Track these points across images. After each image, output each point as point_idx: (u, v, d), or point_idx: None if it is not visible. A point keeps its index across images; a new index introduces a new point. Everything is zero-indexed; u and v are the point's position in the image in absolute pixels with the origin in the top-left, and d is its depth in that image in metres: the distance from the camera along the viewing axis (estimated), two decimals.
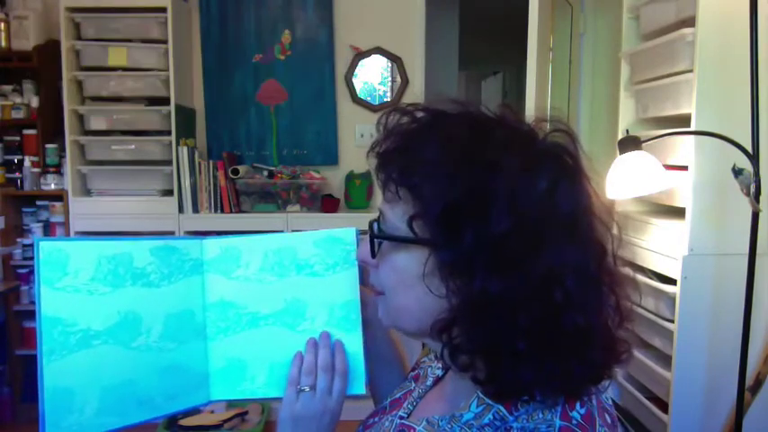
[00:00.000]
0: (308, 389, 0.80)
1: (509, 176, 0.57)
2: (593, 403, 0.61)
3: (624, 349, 0.64)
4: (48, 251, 0.76)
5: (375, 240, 0.66)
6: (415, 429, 0.66)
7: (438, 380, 0.76)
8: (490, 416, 0.60)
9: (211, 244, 0.86)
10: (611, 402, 0.64)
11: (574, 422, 0.58)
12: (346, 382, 0.82)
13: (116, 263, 0.78)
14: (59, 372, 0.75)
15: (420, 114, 0.64)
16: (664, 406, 1.98)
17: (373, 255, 0.67)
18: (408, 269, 0.63)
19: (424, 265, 0.61)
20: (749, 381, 1.78)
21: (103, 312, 0.77)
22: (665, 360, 2.01)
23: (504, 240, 0.57)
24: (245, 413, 2.81)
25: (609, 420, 0.61)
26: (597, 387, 0.63)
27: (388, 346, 0.90)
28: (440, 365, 0.77)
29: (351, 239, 0.86)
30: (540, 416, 0.58)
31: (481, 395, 0.62)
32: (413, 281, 0.62)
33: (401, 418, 0.72)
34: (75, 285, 0.76)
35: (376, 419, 0.77)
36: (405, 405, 0.74)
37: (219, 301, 0.84)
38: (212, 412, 2.76)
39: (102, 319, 0.77)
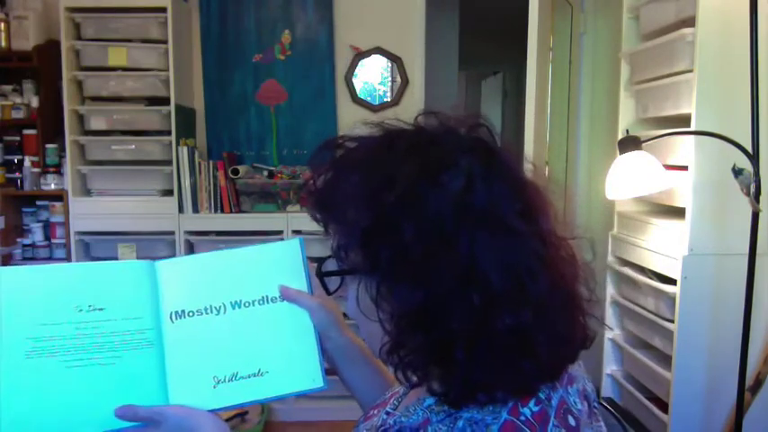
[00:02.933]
0: None
1: (406, 186, 0.58)
2: (551, 404, 0.60)
3: (581, 336, 0.64)
4: None
5: (325, 278, 0.69)
6: (394, 415, 0.68)
7: None
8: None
9: None
10: (580, 407, 0.63)
11: (522, 418, 0.58)
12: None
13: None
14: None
15: (347, 143, 0.66)
16: (664, 406, 1.98)
17: (328, 291, 0.70)
18: (359, 298, 0.64)
19: (357, 296, 0.63)
20: (749, 381, 1.78)
21: None
22: (665, 360, 2.01)
23: (412, 248, 0.57)
24: (245, 413, 2.81)
25: (572, 423, 0.60)
26: (564, 384, 0.62)
27: (349, 344, 0.89)
28: None
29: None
30: (491, 408, 0.58)
31: None
32: (366, 309, 0.63)
33: (387, 413, 0.73)
34: None
35: (375, 411, 0.78)
36: (391, 401, 0.75)
37: None
38: None
39: None
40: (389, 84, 3.21)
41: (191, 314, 0.86)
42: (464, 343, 0.57)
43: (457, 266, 0.56)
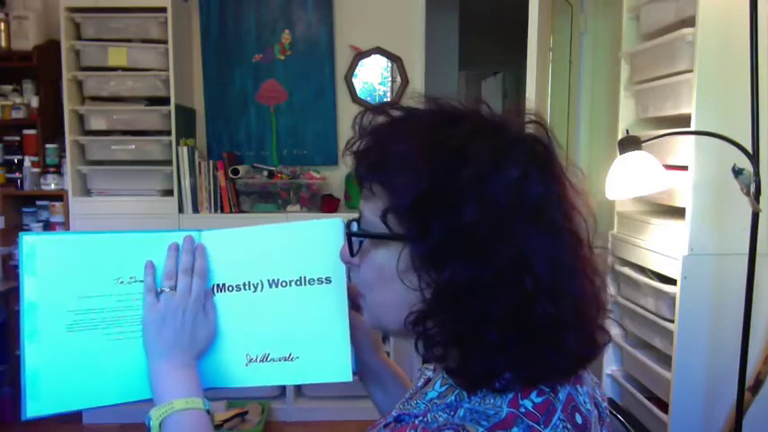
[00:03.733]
0: (167, 290, 0.81)
1: (476, 164, 0.58)
2: (557, 397, 0.60)
3: (602, 339, 0.65)
4: (30, 244, 0.82)
5: (352, 239, 0.67)
6: (392, 415, 0.68)
7: (428, 381, 0.77)
8: (453, 397, 0.61)
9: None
10: (590, 407, 0.63)
11: (522, 409, 0.58)
12: (205, 282, 0.83)
13: None
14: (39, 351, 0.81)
15: (394, 113, 0.65)
16: (664, 406, 1.98)
17: (352, 253, 0.68)
18: (386, 265, 0.63)
19: (398, 260, 0.62)
20: (749, 381, 1.78)
21: None
22: (665, 360, 2.01)
23: (472, 228, 0.57)
24: (246, 413, 2.81)
25: (579, 420, 0.60)
26: (572, 382, 0.62)
27: (382, 367, 0.90)
28: (431, 368, 0.78)
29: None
30: (492, 401, 0.58)
31: (446, 375, 0.63)
32: (391, 277, 0.63)
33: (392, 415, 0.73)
34: None
35: (381, 420, 0.78)
36: (398, 405, 0.75)
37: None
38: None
39: None
40: (389, 84, 3.22)
41: (230, 289, 0.86)
42: (501, 326, 0.58)
43: (509, 252, 0.57)
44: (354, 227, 0.68)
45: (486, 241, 0.57)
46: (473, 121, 0.63)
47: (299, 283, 0.85)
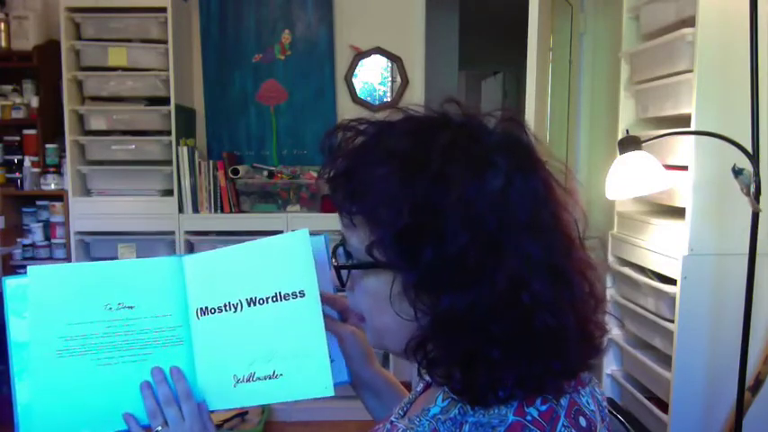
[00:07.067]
0: (160, 428, 0.81)
1: (456, 185, 0.56)
2: (560, 403, 0.59)
3: (601, 335, 0.64)
4: (13, 287, 0.83)
5: (340, 270, 0.66)
6: (397, 427, 0.67)
7: (428, 385, 0.77)
8: (456, 411, 0.60)
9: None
10: (593, 408, 0.63)
11: (528, 417, 0.57)
12: (193, 402, 0.84)
13: None
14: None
15: (363, 127, 0.63)
16: (664, 406, 1.98)
17: (342, 283, 0.67)
18: (379, 292, 0.62)
19: (390, 288, 0.60)
20: (749, 381, 1.78)
21: None
22: (665, 360, 2.01)
23: (464, 255, 0.56)
24: (245, 413, 2.81)
25: (584, 423, 0.60)
26: (574, 385, 0.62)
27: (375, 377, 0.89)
28: None
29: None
30: (496, 411, 0.58)
31: (447, 390, 0.62)
32: (385, 303, 0.62)
33: (392, 423, 0.72)
34: None
35: (380, 426, 0.78)
36: (396, 410, 0.75)
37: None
38: (212, 412, 2.75)
39: None
40: (389, 84, 3.21)
41: (212, 311, 0.86)
42: (502, 344, 0.57)
43: (504, 272, 0.56)
44: (341, 253, 0.66)
45: (479, 265, 0.56)
46: (448, 132, 0.60)
47: (275, 299, 0.85)
